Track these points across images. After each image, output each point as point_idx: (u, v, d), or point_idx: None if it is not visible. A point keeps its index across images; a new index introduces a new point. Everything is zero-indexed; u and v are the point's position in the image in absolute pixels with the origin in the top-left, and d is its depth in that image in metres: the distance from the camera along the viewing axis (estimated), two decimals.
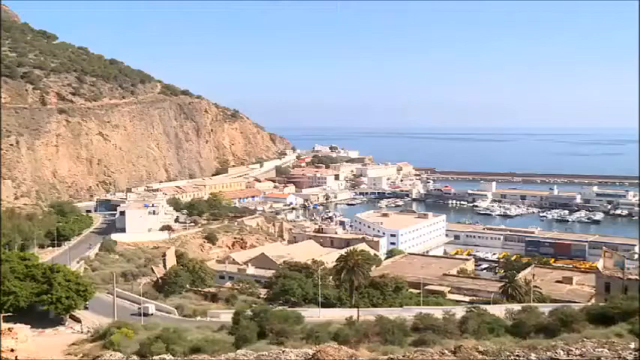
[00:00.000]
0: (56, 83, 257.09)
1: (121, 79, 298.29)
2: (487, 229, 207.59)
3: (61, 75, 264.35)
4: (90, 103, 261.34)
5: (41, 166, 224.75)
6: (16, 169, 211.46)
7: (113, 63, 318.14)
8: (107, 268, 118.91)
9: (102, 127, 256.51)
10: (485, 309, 61.10)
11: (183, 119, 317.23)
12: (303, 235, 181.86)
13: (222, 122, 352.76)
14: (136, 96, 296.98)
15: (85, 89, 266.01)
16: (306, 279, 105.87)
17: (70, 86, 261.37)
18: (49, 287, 77.58)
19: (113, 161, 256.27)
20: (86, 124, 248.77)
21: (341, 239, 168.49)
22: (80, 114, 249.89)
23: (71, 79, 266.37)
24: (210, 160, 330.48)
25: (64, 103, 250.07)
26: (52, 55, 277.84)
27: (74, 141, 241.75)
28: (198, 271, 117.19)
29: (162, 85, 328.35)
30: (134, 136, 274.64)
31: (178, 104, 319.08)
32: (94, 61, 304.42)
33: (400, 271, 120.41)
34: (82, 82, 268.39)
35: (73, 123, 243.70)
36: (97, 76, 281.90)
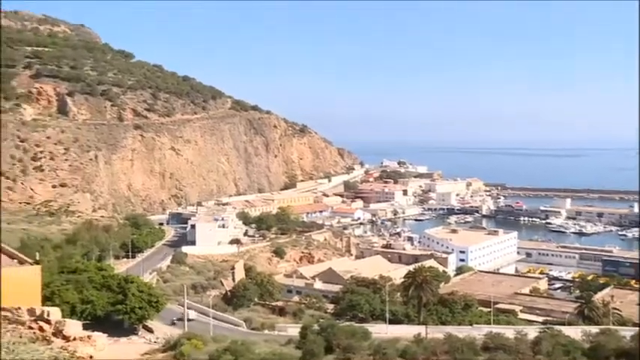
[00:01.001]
0: (132, 100, 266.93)
1: (193, 95, 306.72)
2: (561, 247, 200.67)
3: (137, 92, 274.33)
4: (163, 119, 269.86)
5: (117, 179, 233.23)
6: (94, 183, 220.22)
7: (186, 80, 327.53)
8: (178, 280, 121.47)
9: (174, 142, 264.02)
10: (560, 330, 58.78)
11: (253, 134, 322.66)
12: (370, 250, 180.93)
13: (290, 137, 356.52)
14: (208, 111, 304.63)
15: (159, 105, 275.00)
16: (374, 295, 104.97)
17: (145, 102, 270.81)
18: (124, 297, 79.80)
19: (185, 175, 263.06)
20: (159, 139, 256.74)
21: (409, 255, 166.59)
22: (154, 129, 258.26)
23: (146, 96, 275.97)
24: (279, 174, 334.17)
25: (139, 118, 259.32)
26: (130, 73, 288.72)
27: (148, 155, 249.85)
28: (266, 284, 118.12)
29: (233, 101, 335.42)
30: (205, 150, 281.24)
31: (248, 119, 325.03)
32: (168, 78, 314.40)
33: (470, 289, 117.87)
34: (156, 99, 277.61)
35: (147, 138, 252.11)
36: (170, 93, 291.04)
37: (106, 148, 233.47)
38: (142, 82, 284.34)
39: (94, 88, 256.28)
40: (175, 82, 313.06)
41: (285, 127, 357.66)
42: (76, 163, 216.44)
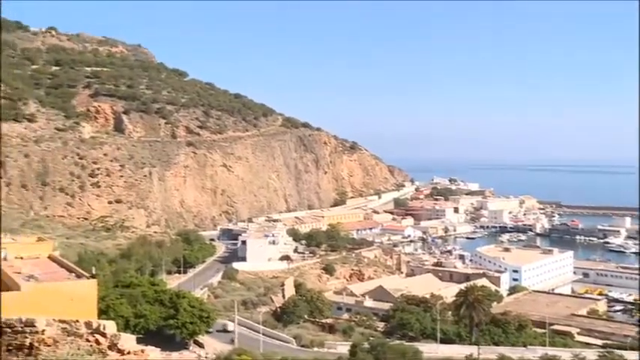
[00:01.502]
0: (185, 117, 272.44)
1: (244, 112, 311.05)
2: (621, 268, 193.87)
3: (189, 110, 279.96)
4: (215, 136, 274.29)
5: (170, 196, 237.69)
6: (148, 199, 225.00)
7: (237, 97, 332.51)
8: (229, 296, 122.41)
9: (226, 159, 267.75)
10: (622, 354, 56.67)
11: (303, 151, 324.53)
12: (421, 268, 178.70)
13: (341, 154, 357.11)
14: (259, 129, 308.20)
15: (211, 123, 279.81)
16: (425, 313, 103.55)
17: (198, 120, 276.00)
18: (176, 312, 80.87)
19: (236, 192, 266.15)
20: (211, 156, 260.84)
21: (460, 274, 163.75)
22: (206, 146, 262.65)
23: (199, 114, 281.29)
24: (329, 191, 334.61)
25: (192, 136, 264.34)
26: (183, 91, 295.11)
27: (200, 172, 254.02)
28: (315, 301, 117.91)
29: (284, 118, 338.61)
30: (256, 167, 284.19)
31: (299, 136, 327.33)
32: (220, 95, 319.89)
33: (523, 309, 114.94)
34: (208, 116, 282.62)
35: (199, 155, 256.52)
36: (222, 110, 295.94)
37: (159, 164, 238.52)
38: (195, 100, 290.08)
39: (149, 106, 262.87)
40: (227, 99, 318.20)
41: (336, 144, 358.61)
42: (131, 179, 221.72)
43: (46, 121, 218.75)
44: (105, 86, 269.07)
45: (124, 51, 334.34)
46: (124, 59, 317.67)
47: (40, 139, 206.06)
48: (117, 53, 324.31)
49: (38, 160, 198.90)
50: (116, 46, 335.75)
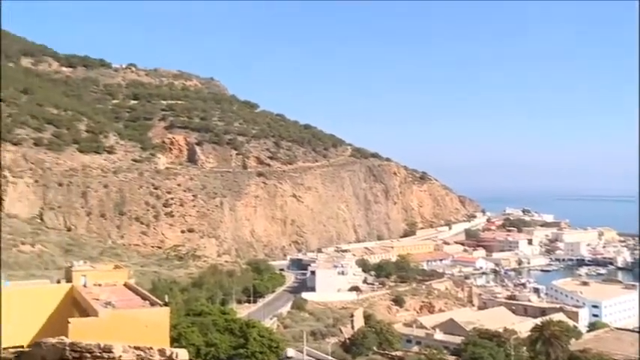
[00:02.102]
0: (256, 148, 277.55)
1: (314, 143, 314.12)
2: None
3: (260, 140, 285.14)
4: (285, 167, 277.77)
5: (241, 225, 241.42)
6: (219, 228, 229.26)
7: (307, 128, 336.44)
8: (298, 326, 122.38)
9: (296, 189, 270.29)
10: None
11: (373, 181, 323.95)
12: (493, 301, 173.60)
13: (410, 184, 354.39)
14: (328, 159, 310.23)
15: (281, 153, 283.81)
16: (498, 348, 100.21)
17: (268, 151, 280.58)
18: (245, 341, 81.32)
19: (305, 222, 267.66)
20: (281, 186, 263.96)
21: (535, 308, 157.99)
22: (276, 177, 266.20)
23: (269, 144, 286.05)
24: (399, 221, 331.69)
25: (262, 166, 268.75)
26: (254, 123, 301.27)
27: (270, 202, 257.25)
28: (385, 333, 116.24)
29: (353, 149, 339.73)
30: (325, 197, 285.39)
31: (368, 166, 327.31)
32: (290, 126, 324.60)
33: (605, 347, 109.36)
34: (278, 147, 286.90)
35: (269, 185, 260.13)
36: (292, 141, 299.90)
37: (230, 194, 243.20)
38: (266, 131, 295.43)
39: (221, 137, 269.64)
40: (297, 130, 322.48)
41: (405, 174, 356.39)
42: (203, 209, 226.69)
43: (124, 152, 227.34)
44: (179, 118, 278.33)
45: (197, 84, 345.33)
46: (198, 92, 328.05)
47: (119, 170, 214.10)
48: (191, 86, 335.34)
49: (116, 191, 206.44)
50: (190, 79, 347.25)
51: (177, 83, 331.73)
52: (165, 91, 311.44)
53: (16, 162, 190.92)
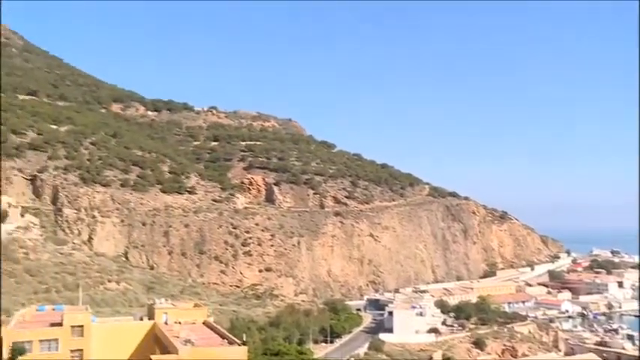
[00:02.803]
0: (333, 188, 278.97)
1: (391, 182, 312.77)
2: None
3: (337, 180, 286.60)
4: (362, 206, 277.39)
5: (318, 265, 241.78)
6: (296, 268, 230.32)
7: (384, 167, 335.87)
8: None
9: (373, 229, 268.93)
10: None
11: (451, 220, 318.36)
12: (581, 347, 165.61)
13: (490, 224, 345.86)
14: (405, 198, 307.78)
15: (358, 193, 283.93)
16: None
17: (345, 190, 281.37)
18: None
19: (382, 262, 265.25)
20: (358, 226, 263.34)
21: (630, 356, 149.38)
22: (353, 216, 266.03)
23: (346, 184, 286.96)
24: (478, 262, 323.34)
25: (339, 206, 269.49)
26: (331, 163, 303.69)
27: (347, 242, 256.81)
28: None
29: (430, 188, 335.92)
30: (402, 237, 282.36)
31: (446, 206, 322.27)
32: (367, 166, 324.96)
33: None
34: (355, 186, 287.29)
35: (346, 225, 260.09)
36: (369, 180, 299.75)
37: (308, 234, 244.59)
38: (343, 171, 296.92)
39: (299, 177, 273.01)
40: (374, 169, 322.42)
41: (484, 213, 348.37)
42: (281, 248, 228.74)
43: (204, 192, 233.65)
44: (258, 159, 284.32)
45: (275, 125, 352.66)
46: (276, 133, 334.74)
47: (199, 210, 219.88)
48: (269, 127, 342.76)
49: (196, 230, 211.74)
50: (269, 120, 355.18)
51: (256, 124, 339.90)
52: (245, 132, 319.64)
53: (104, 202, 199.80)
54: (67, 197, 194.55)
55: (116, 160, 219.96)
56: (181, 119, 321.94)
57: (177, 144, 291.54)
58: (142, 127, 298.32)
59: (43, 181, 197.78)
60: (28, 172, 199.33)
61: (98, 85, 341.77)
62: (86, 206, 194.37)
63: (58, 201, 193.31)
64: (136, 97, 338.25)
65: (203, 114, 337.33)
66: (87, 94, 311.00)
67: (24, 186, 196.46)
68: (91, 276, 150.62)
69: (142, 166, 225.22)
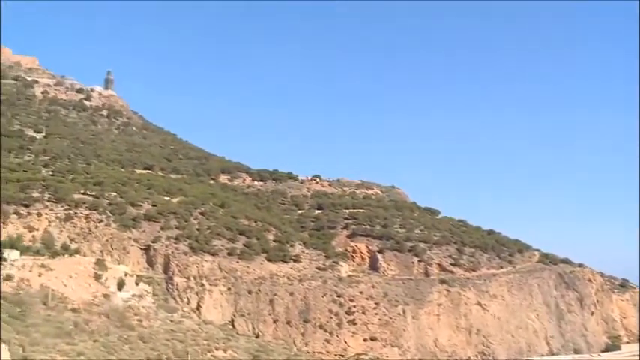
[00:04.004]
0: (438, 255, 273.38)
1: (498, 249, 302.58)
2: None
3: (442, 247, 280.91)
4: (469, 273, 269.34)
5: (424, 334, 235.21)
6: (402, 337, 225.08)
7: (490, 233, 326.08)
8: None
9: (480, 297, 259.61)
10: None
11: (565, 289, 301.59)
12: None
13: (608, 292, 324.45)
14: (514, 265, 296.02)
15: (464, 260, 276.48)
16: None
17: (451, 257, 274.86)
18: None
19: (491, 331, 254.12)
20: (465, 294, 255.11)
21: None
22: (459, 284, 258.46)
23: (452, 251, 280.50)
24: (598, 333, 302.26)
25: (444, 273, 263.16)
26: (435, 229, 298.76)
27: (454, 310, 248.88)
28: None
29: (540, 254, 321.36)
30: (512, 306, 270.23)
31: (558, 273, 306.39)
32: (473, 232, 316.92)
33: None
34: (461, 253, 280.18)
35: (453, 293, 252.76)
36: (475, 247, 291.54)
37: (413, 302, 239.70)
38: (448, 238, 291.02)
39: (403, 244, 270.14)
40: (480, 236, 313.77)
41: (602, 281, 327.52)
42: (386, 317, 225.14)
43: (308, 261, 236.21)
44: (361, 227, 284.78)
45: (378, 192, 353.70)
46: (379, 200, 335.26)
47: (303, 278, 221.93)
48: (372, 195, 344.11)
49: (301, 298, 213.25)
50: (372, 188, 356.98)
51: (359, 192, 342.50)
52: (348, 200, 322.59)
53: (212, 271, 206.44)
54: (178, 266, 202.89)
55: (224, 230, 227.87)
56: (286, 188, 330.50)
57: (282, 213, 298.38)
58: (249, 197, 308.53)
59: (155, 250, 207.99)
60: (143, 242, 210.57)
61: (207, 158, 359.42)
62: (195, 275, 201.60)
63: (169, 269, 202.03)
64: (242, 168, 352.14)
65: (307, 183, 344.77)
66: (197, 167, 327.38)
67: (139, 255, 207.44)
68: (199, 343, 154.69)
69: (248, 235, 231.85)
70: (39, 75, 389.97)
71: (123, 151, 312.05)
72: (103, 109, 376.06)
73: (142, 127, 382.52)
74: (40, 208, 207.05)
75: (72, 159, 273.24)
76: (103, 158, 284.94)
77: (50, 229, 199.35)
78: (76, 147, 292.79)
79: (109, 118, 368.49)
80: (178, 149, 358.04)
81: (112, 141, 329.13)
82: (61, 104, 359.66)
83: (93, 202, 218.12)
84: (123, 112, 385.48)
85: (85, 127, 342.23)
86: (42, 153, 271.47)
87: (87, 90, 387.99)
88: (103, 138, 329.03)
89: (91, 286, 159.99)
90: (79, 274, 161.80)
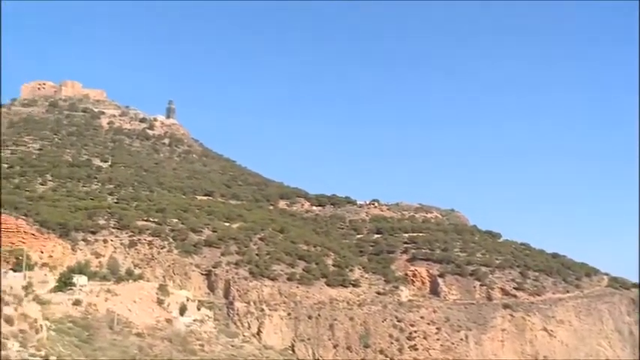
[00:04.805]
0: (500, 279, 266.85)
1: (563, 272, 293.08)
2: None
3: (505, 271, 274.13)
4: (533, 298, 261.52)
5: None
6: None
7: (555, 257, 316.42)
8: None
9: (546, 323, 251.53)
10: None
11: (638, 314, 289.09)
12: None
13: None
14: (581, 290, 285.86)
15: (528, 284, 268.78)
16: None
17: (514, 281, 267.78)
18: None
19: (559, 357, 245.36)
20: (530, 319, 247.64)
21: None
22: (524, 309, 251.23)
23: (514, 275, 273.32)
24: None
25: (508, 298, 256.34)
26: (497, 253, 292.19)
27: (519, 336, 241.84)
28: None
29: (610, 278, 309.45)
30: (581, 332, 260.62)
31: (631, 298, 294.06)
32: (536, 255, 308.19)
33: None
34: (525, 277, 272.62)
35: (517, 318, 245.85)
36: (539, 271, 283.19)
37: (475, 327, 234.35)
38: (510, 261, 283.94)
39: (464, 268, 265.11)
40: (544, 259, 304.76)
41: None
42: (448, 342, 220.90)
43: (368, 285, 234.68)
44: (421, 251, 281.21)
45: (438, 216, 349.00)
46: (439, 224, 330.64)
47: (363, 303, 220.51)
48: (432, 218, 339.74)
49: (361, 323, 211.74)
50: (431, 212, 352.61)
51: (418, 216, 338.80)
52: (407, 224, 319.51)
53: (272, 296, 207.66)
54: (238, 291, 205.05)
55: (283, 255, 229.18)
56: (344, 213, 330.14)
57: (341, 237, 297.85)
58: (307, 222, 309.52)
59: (216, 275, 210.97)
60: (204, 268, 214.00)
61: (266, 184, 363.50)
62: (255, 300, 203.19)
63: (230, 295, 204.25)
64: (301, 193, 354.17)
65: (365, 207, 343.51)
66: (256, 193, 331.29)
67: (200, 281, 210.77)
68: None
69: (307, 260, 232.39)
70: (105, 106, 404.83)
71: (184, 178, 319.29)
72: (165, 137, 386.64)
73: (202, 154, 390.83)
74: (106, 234, 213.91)
75: (135, 187, 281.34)
76: (165, 185, 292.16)
77: (115, 255, 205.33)
78: (140, 175, 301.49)
79: (171, 146, 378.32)
80: (237, 175, 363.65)
81: (174, 168, 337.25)
82: (126, 134, 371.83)
83: (155, 229, 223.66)
84: (184, 140, 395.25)
85: (148, 155, 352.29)
86: (107, 181, 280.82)
87: (150, 119, 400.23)
88: (164, 166, 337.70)
89: (154, 311, 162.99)
90: (143, 299, 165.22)
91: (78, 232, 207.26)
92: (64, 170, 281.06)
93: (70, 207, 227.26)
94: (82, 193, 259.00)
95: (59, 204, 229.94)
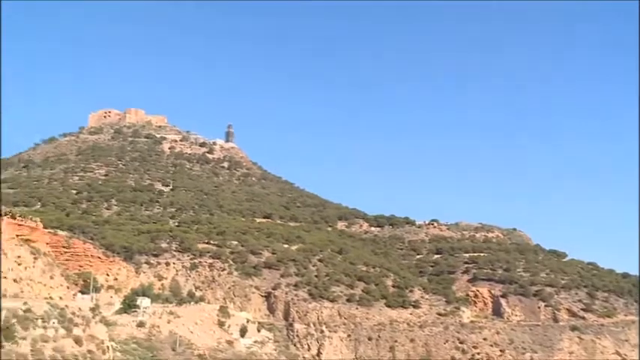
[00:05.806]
0: (567, 300, 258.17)
1: (635, 293, 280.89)
2: None
3: (571, 291, 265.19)
4: (603, 320, 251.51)
5: None
6: None
7: (626, 277, 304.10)
8: None
9: (618, 346, 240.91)
10: None
11: None
12: None
13: None
14: None
15: (597, 305, 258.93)
16: None
17: (581, 302, 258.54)
18: None
19: None
20: (600, 342, 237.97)
21: None
22: (593, 331, 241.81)
23: (582, 295, 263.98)
24: None
25: (575, 319, 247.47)
26: (562, 272, 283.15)
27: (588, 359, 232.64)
28: None
29: None
30: None
31: None
32: (605, 275, 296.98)
33: None
34: (593, 298, 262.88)
35: (586, 340, 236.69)
36: (609, 291, 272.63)
37: (541, 350, 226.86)
38: (577, 281, 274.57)
39: (527, 288, 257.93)
40: (613, 279, 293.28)
41: None
42: None
43: (429, 306, 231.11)
44: (482, 271, 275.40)
45: (499, 235, 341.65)
46: (500, 243, 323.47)
47: (424, 324, 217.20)
48: (493, 238, 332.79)
49: (422, 345, 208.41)
50: (492, 231, 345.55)
51: (479, 235, 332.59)
52: (467, 244, 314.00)
53: (332, 317, 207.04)
54: (298, 312, 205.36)
55: (342, 276, 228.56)
56: (403, 233, 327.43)
57: (400, 258, 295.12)
58: (366, 243, 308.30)
59: (276, 297, 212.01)
60: (264, 289, 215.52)
61: (324, 205, 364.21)
62: (315, 321, 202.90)
63: (290, 316, 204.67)
64: (359, 214, 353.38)
65: (425, 227, 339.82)
66: (315, 214, 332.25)
67: (260, 302, 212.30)
68: None
69: (366, 281, 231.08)
70: (167, 132, 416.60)
71: (243, 200, 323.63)
72: (224, 161, 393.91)
73: (261, 176, 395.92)
74: (168, 257, 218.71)
75: (196, 210, 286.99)
76: (225, 208, 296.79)
77: (177, 278, 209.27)
78: (200, 198, 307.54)
79: (230, 170, 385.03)
80: (296, 197, 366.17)
81: (233, 191, 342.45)
82: (186, 158, 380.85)
83: (216, 251, 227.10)
84: (243, 163, 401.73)
85: (208, 179, 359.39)
86: (169, 205, 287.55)
87: (209, 143, 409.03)
88: (224, 189, 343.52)
89: (215, 332, 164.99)
90: (204, 321, 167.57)
91: (141, 255, 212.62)
92: (128, 195, 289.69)
93: (134, 230, 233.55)
94: (145, 217, 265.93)
95: (123, 227, 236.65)
